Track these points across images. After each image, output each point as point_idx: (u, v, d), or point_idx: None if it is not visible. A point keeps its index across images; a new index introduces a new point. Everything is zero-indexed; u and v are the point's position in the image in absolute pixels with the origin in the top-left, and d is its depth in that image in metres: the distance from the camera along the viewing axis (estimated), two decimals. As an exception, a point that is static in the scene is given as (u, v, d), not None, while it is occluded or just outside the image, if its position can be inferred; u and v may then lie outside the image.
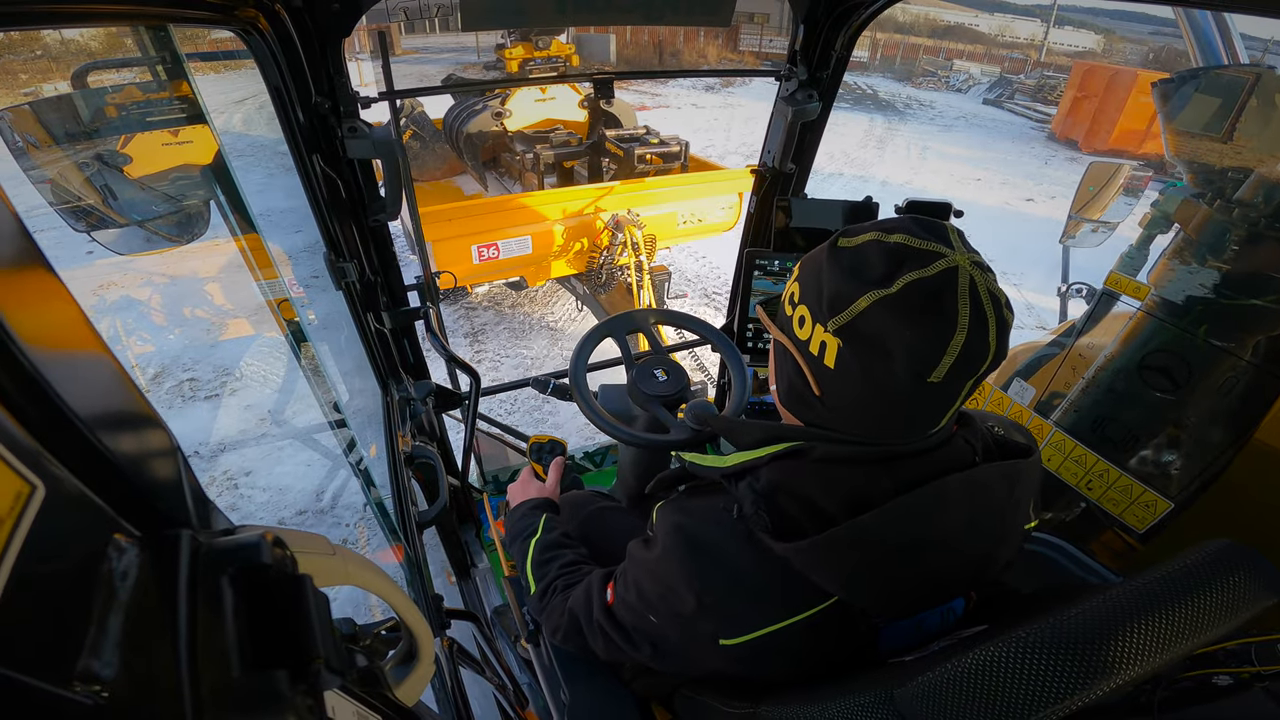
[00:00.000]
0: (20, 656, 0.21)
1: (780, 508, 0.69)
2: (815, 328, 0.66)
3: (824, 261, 0.67)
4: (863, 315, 0.61)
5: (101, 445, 0.28)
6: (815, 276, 0.67)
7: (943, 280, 0.60)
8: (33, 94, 9.53)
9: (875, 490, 0.67)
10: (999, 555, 0.72)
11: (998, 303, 0.62)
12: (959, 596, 0.77)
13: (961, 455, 0.71)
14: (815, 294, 0.67)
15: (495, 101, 6.25)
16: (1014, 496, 0.71)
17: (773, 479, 0.71)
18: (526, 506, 1.29)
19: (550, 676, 1.11)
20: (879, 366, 0.62)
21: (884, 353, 0.61)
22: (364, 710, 0.48)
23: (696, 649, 0.75)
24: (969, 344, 0.60)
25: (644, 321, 1.50)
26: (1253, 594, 0.56)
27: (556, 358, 5.05)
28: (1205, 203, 1.46)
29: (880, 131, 13.71)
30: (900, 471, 0.67)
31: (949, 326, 0.59)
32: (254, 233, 1.70)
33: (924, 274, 0.60)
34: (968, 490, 0.67)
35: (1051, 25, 29.06)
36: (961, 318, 0.59)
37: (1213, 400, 1.43)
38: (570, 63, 7.27)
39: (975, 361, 0.61)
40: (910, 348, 0.60)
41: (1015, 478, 0.71)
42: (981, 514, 0.68)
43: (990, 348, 0.61)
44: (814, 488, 0.69)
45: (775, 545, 0.67)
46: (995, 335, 0.61)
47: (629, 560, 0.86)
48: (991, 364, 0.63)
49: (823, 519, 0.67)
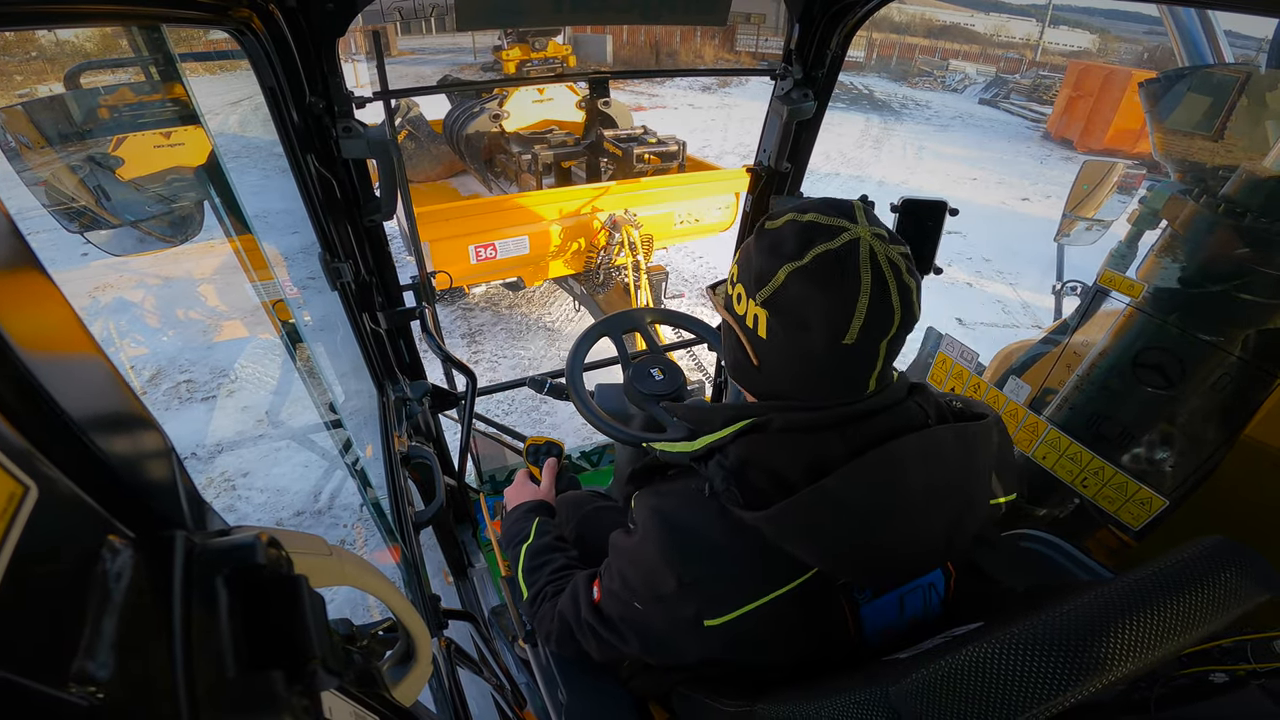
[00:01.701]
0: (15, 658, 0.21)
1: (749, 481, 0.73)
2: (749, 302, 0.73)
3: (753, 242, 0.74)
4: (783, 286, 0.69)
5: (95, 446, 0.28)
6: (746, 256, 0.75)
7: (847, 250, 0.66)
8: (27, 95, 9.48)
9: (831, 455, 0.71)
10: (966, 523, 0.75)
11: (897, 269, 0.67)
12: (935, 568, 0.80)
13: (913, 418, 0.75)
14: (747, 271, 0.73)
15: (493, 104, 6.25)
16: (971, 460, 0.75)
17: (740, 454, 0.75)
18: (520, 511, 1.30)
19: (548, 676, 1.11)
20: (800, 332, 0.69)
21: (802, 319, 0.68)
22: (361, 710, 0.48)
23: (682, 634, 0.77)
24: (873, 305, 0.66)
25: (641, 321, 1.50)
26: (1245, 590, 0.56)
27: (554, 358, 5.05)
28: (1192, 198, 1.47)
29: (876, 131, 13.74)
30: (851, 435, 0.71)
31: (854, 290, 0.66)
32: (249, 234, 1.69)
33: (830, 245, 0.67)
34: (921, 451, 0.70)
35: (1047, 25, 29.17)
36: (864, 283, 0.66)
37: (1205, 397, 1.43)
38: (567, 64, 7.27)
39: (884, 322, 0.67)
40: (824, 312, 0.67)
41: (969, 440, 0.75)
42: (939, 475, 0.71)
43: (895, 309, 0.67)
44: (777, 458, 0.73)
45: (746, 516, 0.70)
46: (898, 298, 0.67)
47: (612, 551, 0.88)
48: (900, 326, 0.69)
49: (786, 487, 0.71)
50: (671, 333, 3.88)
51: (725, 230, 5.34)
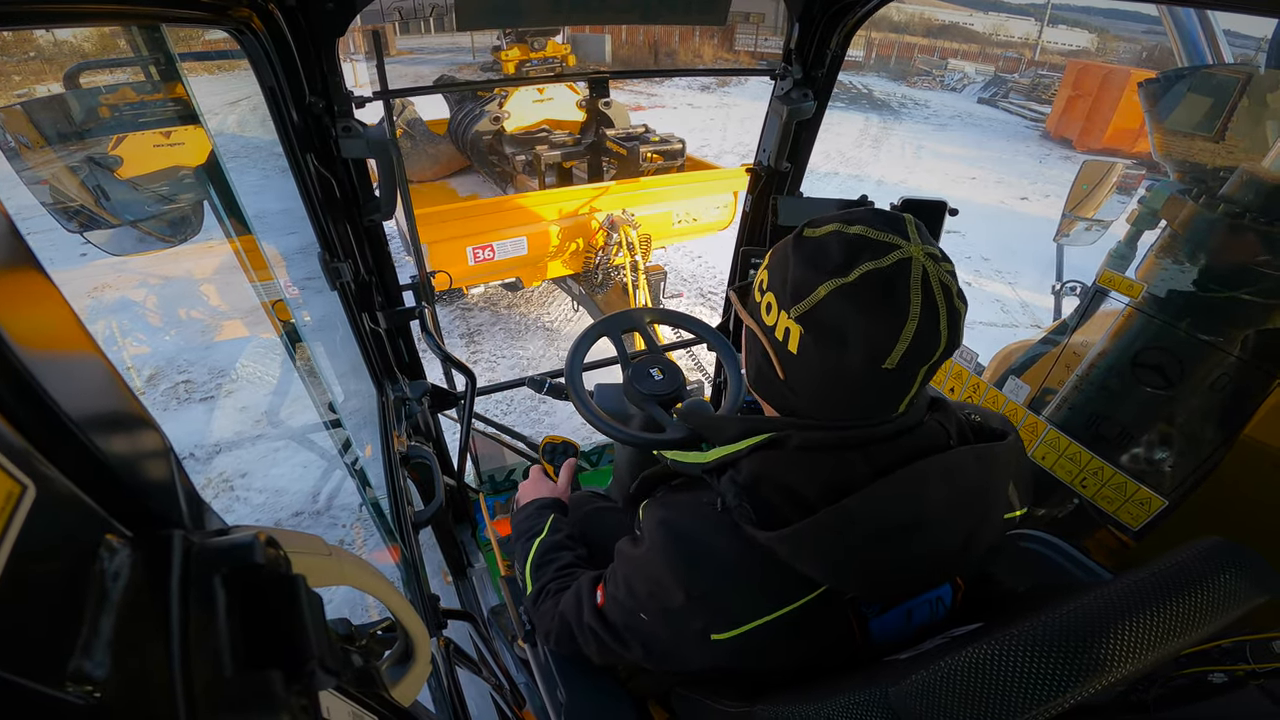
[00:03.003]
0: (12, 657, 0.21)
1: (762, 498, 0.71)
2: (780, 314, 0.68)
3: (789, 251, 0.69)
4: (822, 303, 0.64)
5: (93, 446, 0.28)
6: (782, 265, 0.70)
7: (896, 270, 0.62)
8: (26, 95, 9.47)
9: (853, 475, 0.68)
10: (980, 539, 0.73)
11: (949, 293, 0.64)
12: (945, 583, 0.78)
13: (936, 439, 0.72)
14: (781, 282, 0.69)
15: (493, 104, 6.25)
16: (991, 480, 0.73)
17: (753, 470, 0.73)
18: (535, 506, 1.28)
19: (547, 676, 1.11)
20: (837, 353, 0.65)
21: (841, 339, 0.64)
22: (360, 710, 0.48)
23: (688, 645, 0.75)
24: (920, 332, 0.62)
25: (640, 321, 1.50)
26: (1244, 591, 0.56)
27: (552, 358, 5.05)
28: (1191, 198, 1.47)
29: (875, 130, 13.74)
30: (876, 456, 0.69)
31: (901, 315, 0.62)
32: (249, 234, 1.69)
33: (879, 264, 0.62)
34: (944, 473, 0.68)
35: (1045, 24, 29.17)
36: (914, 307, 0.62)
37: (1204, 397, 1.43)
38: (566, 63, 7.27)
39: (927, 349, 0.63)
40: (866, 335, 0.62)
41: (990, 461, 0.72)
42: (959, 496, 0.69)
43: (941, 336, 0.63)
44: (793, 476, 0.71)
45: (759, 535, 0.68)
46: (946, 324, 0.63)
47: (618, 558, 0.86)
48: (944, 352, 0.65)
49: (804, 506, 0.69)
50: (670, 332, 3.88)
51: (724, 229, 5.33)
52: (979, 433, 0.78)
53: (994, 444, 0.74)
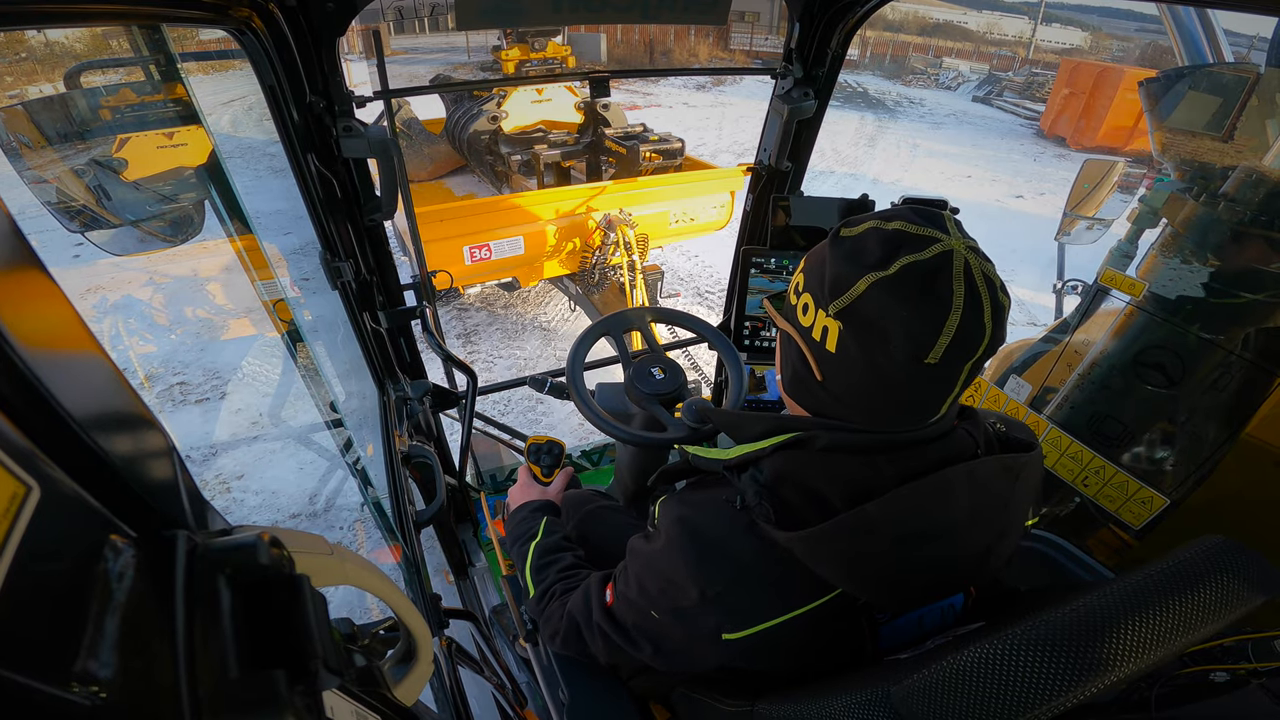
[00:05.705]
0: (18, 658, 0.21)
1: (783, 498, 0.70)
2: (818, 314, 0.68)
3: (827, 250, 0.68)
4: (862, 297, 0.63)
5: (97, 446, 0.28)
6: (819, 265, 0.69)
7: (938, 263, 0.61)
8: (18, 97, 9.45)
9: (878, 480, 0.67)
10: (1000, 550, 0.72)
11: (993, 285, 0.62)
12: (960, 592, 0.77)
13: (964, 447, 0.71)
14: (818, 281, 0.68)
15: (491, 104, 6.25)
16: (1015, 491, 0.72)
17: (776, 469, 0.72)
18: (528, 509, 1.28)
19: (549, 675, 1.11)
20: (877, 348, 0.63)
21: (882, 333, 0.62)
22: (362, 710, 0.48)
23: (699, 644, 0.75)
24: (964, 324, 0.61)
25: (641, 320, 1.50)
26: (1245, 591, 0.56)
27: (550, 358, 5.05)
28: (1192, 197, 1.47)
29: (871, 129, 13.75)
30: (903, 461, 0.68)
31: (944, 307, 0.60)
32: (249, 233, 1.69)
33: (920, 257, 0.61)
34: (969, 482, 0.67)
35: (1039, 22, 29.23)
36: (956, 298, 0.60)
37: (1206, 396, 1.43)
38: (566, 64, 7.26)
39: (971, 343, 0.62)
40: (907, 328, 0.61)
41: (1016, 472, 0.71)
42: (983, 507, 0.69)
43: (986, 329, 0.62)
44: (817, 477, 0.69)
45: (778, 535, 0.67)
46: (990, 317, 0.62)
47: (630, 555, 0.86)
48: (988, 347, 0.63)
49: (825, 509, 0.68)
50: (668, 332, 3.88)
51: (721, 229, 5.34)
52: (1005, 443, 0.77)
53: (1020, 454, 0.73)
